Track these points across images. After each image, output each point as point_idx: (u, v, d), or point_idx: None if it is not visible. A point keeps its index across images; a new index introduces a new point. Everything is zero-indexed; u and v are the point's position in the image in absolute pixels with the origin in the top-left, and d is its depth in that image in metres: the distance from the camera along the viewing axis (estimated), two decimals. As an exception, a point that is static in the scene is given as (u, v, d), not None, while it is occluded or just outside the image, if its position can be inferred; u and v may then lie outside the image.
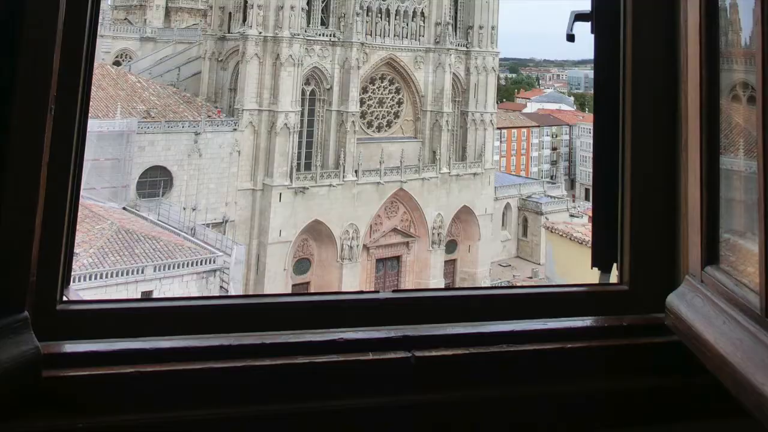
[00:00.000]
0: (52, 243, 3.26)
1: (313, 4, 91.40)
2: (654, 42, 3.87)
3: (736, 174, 3.35)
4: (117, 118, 77.01)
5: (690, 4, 3.56)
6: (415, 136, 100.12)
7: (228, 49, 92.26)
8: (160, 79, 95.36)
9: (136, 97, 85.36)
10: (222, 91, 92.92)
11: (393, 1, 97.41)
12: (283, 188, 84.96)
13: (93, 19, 3.54)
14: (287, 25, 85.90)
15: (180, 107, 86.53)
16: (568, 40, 4.19)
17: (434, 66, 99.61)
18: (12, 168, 2.94)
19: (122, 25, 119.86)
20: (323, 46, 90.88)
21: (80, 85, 3.46)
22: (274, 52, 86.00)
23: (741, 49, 3.32)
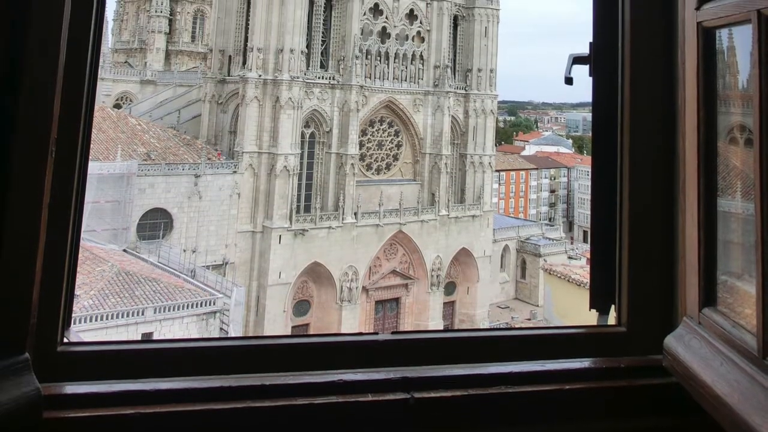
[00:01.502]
0: (52, 285, 3.28)
1: (312, 48, 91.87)
2: (652, 85, 3.90)
3: (733, 216, 3.37)
4: (117, 161, 77.23)
5: (688, 47, 3.60)
6: (414, 178, 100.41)
7: (228, 91, 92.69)
8: (160, 122, 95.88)
9: (137, 140, 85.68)
10: (222, 133, 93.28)
11: (392, 44, 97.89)
12: (282, 230, 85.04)
13: (93, 62, 3.58)
14: (287, 68, 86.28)
15: (180, 150, 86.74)
16: (566, 83, 4.22)
17: (433, 109, 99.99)
18: (13, 210, 2.96)
19: (123, 68, 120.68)
20: (323, 89, 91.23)
21: (81, 128, 3.49)
22: (273, 94, 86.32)
23: (738, 92, 3.34)
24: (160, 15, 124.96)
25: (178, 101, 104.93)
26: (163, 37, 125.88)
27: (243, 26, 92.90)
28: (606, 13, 4.06)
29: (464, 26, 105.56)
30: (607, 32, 4.04)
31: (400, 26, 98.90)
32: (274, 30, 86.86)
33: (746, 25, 3.05)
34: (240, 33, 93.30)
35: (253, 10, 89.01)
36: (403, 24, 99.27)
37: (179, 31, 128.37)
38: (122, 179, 75.98)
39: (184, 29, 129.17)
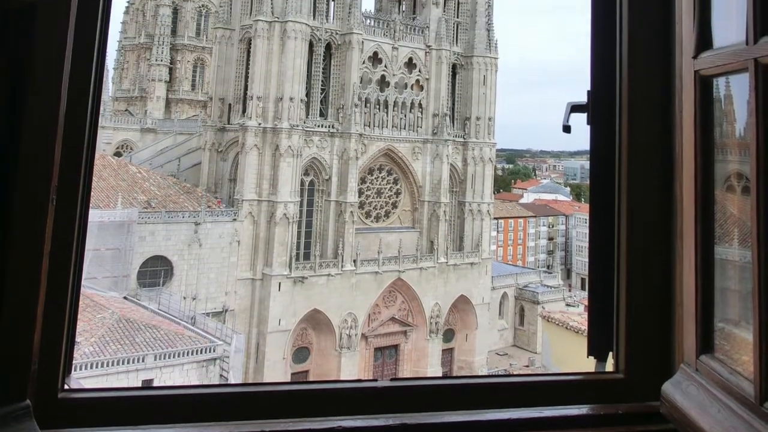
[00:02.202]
0: (53, 332, 3.28)
1: (312, 96, 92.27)
2: (649, 133, 3.93)
3: (730, 263, 3.38)
4: (118, 208, 77.44)
5: (685, 95, 3.63)
6: (413, 226, 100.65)
7: (228, 140, 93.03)
8: (160, 170, 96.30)
9: (137, 188, 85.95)
10: (222, 181, 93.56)
11: (391, 93, 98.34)
12: (282, 278, 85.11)
13: (94, 110, 3.61)
14: (286, 116, 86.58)
15: (180, 197, 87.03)
16: (564, 131, 4.24)
17: (432, 157, 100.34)
18: (14, 257, 2.97)
19: (123, 116, 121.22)
20: (322, 137, 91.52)
21: (81, 176, 3.51)
22: (273, 143, 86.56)
23: (736, 140, 3.36)
24: (161, 64, 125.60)
25: (179, 149, 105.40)
26: (163, 85, 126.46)
27: (243, 75, 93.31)
28: (603, 62, 4.09)
29: (463, 75, 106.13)
30: (605, 81, 4.07)
31: (399, 75, 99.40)
32: (274, 78, 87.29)
33: (743, 73, 3.08)
34: (240, 81, 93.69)
35: (252, 59, 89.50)
36: (402, 72, 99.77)
37: (179, 79, 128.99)
38: (123, 227, 76.18)
39: (185, 78, 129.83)
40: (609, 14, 4.08)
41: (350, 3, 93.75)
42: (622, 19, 4.00)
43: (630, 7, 3.97)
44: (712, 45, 3.49)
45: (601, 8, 4.12)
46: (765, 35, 2.95)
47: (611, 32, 4.06)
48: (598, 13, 4.14)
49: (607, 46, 4.07)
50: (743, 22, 3.08)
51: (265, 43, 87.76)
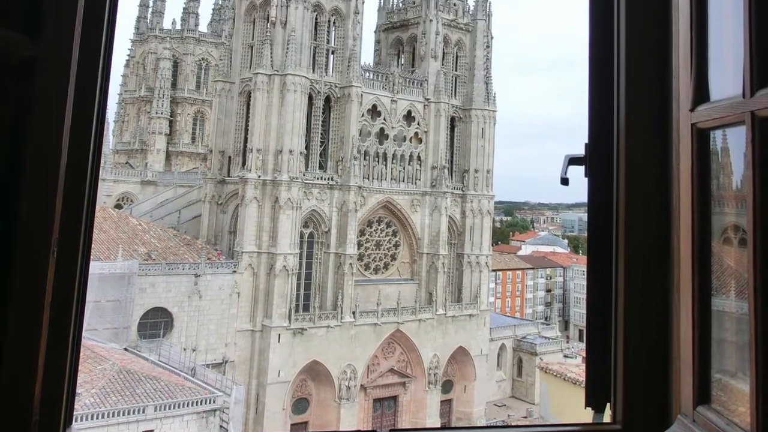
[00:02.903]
0: (54, 383, 3.28)
1: (311, 148, 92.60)
2: (647, 185, 3.94)
3: (727, 315, 3.39)
4: (119, 260, 77.61)
5: (682, 148, 3.65)
6: (412, 277, 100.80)
7: (228, 192, 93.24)
8: (161, 222, 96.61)
9: (138, 240, 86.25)
10: (222, 233, 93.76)
11: (390, 145, 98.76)
12: (281, 329, 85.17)
13: (94, 163, 3.63)
14: (286, 168, 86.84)
15: (180, 249, 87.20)
16: (562, 184, 4.26)
17: (431, 209, 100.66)
18: (15, 309, 2.98)
19: (124, 168, 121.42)
20: (321, 190, 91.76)
21: (82, 228, 3.53)
22: (273, 195, 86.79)
23: (733, 192, 3.38)
24: (161, 116, 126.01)
25: (179, 201, 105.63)
26: (163, 138, 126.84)
27: (243, 127, 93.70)
28: (601, 115, 4.12)
29: (461, 127, 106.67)
30: (603, 133, 4.09)
31: (398, 127, 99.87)
32: (274, 131, 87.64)
33: (740, 126, 3.11)
34: (240, 134, 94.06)
35: (252, 112, 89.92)
36: (401, 125, 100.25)
37: (180, 132, 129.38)
38: (123, 279, 76.32)
39: (185, 130, 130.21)
40: (607, 68, 4.11)
41: (349, 56, 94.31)
42: (619, 72, 4.03)
43: (627, 61, 4.00)
44: (709, 98, 3.51)
45: (599, 62, 4.15)
46: (762, 88, 2.97)
47: (609, 86, 4.09)
48: (596, 67, 4.17)
49: (605, 99, 4.10)
50: (740, 75, 3.10)
51: (264, 96, 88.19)
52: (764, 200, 2.88)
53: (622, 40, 4.03)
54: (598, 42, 4.19)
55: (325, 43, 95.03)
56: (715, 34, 3.53)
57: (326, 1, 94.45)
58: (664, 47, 3.95)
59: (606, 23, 4.15)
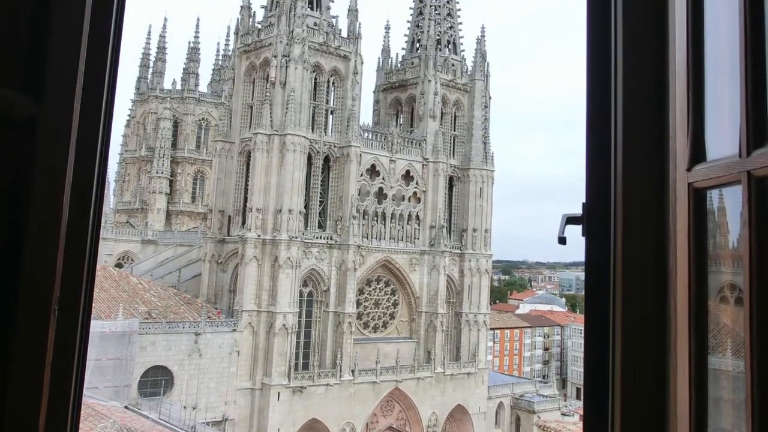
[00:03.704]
0: (54, 442, 3.27)
1: (310, 208, 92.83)
2: (644, 245, 3.95)
3: (723, 374, 3.39)
4: (119, 319, 77.57)
5: (679, 207, 3.66)
6: (411, 336, 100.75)
7: (227, 251, 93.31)
8: (161, 281, 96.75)
9: (138, 298, 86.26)
10: (222, 292, 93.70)
11: (389, 205, 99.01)
12: (281, 387, 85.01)
13: (95, 222, 3.65)
14: (285, 228, 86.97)
15: (180, 308, 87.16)
16: (560, 243, 4.28)
17: (429, 268, 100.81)
18: (16, 367, 2.99)
19: (124, 228, 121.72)
20: (321, 249, 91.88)
21: (83, 287, 3.54)
22: (272, 254, 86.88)
23: (729, 251, 3.39)
24: (161, 176, 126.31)
25: (179, 260, 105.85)
26: (163, 197, 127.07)
27: (242, 186, 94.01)
28: (598, 174, 4.13)
29: (459, 187, 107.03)
30: (600, 193, 4.10)
31: (396, 187, 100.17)
32: (273, 190, 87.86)
33: (737, 186, 3.12)
34: (239, 193, 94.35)
35: (252, 171, 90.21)
36: (400, 185, 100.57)
37: (180, 191, 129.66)
38: (124, 337, 76.23)
39: (185, 190, 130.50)
40: (604, 128, 4.13)
41: (348, 116, 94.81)
42: (617, 133, 4.05)
43: (625, 121, 4.03)
44: (705, 158, 3.53)
45: (597, 123, 4.18)
46: (758, 148, 2.99)
47: (606, 146, 4.11)
48: (593, 128, 4.20)
49: (602, 159, 4.12)
50: (736, 135, 3.12)
51: (264, 156, 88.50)
52: (760, 259, 2.89)
53: (619, 101, 4.05)
54: (595, 102, 4.22)
55: (324, 103, 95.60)
56: (712, 94, 3.55)
57: (325, 62, 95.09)
58: (660, 107, 3.97)
59: (603, 83, 4.18)
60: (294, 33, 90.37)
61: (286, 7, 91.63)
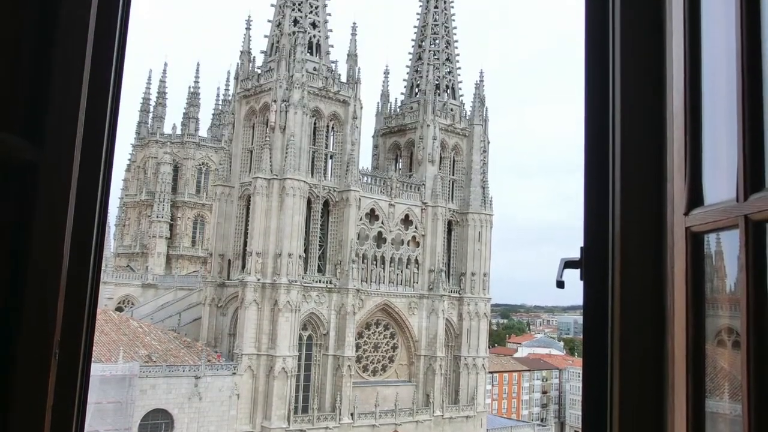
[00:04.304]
0: (54, 486, 3.26)
1: (310, 252, 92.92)
2: (641, 289, 3.95)
3: (721, 417, 3.39)
4: (119, 362, 77.51)
5: (677, 251, 3.67)
6: (410, 379, 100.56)
7: (227, 295, 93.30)
8: (161, 324, 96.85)
9: (138, 342, 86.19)
10: (221, 335, 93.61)
11: (388, 249, 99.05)
12: (281, 431, 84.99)
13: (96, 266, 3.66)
14: (285, 272, 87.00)
15: (181, 352, 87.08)
16: (558, 287, 4.28)
17: (428, 312, 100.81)
18: (17, 411, 2.99)
19: (125, 272, 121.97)
20: (320, 292, 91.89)
21: (83, 331, 3.54)
22: (272, 298, 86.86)
23: (726, 295, 3.39)
24: (161, 220, 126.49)
25: (179, 304, 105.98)
26: (164, 241, 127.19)
27: (242, 231, 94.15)
28: (596, 219, 4.14)
29: (458, 231, 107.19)
30: (598, 237, 4.11)
31: (395, 231, 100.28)
32: (273, 235, 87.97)
33: (734, 230, 3.12)
34: (239, 237, 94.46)
35: (252, 215, 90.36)
36: (399, 229, 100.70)
37: (180, 235, 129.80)
38: (124, 380, 76.18)
39: (185, 234, 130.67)
40: (602, 173, 4.15)
41: (347, 160, 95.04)
42: (614, 177, 4.07)
43: (622, 166, 4.04)
44: (703, 202, 3.54)
45: (594, 168, 4.19)
46: (755, 192, 3.00)
47: (604, 190, 4.12)
48: (591, 173, 4.22)
49: (600, 203, 4.13)
50: (733, 179, 3.13)
51: (264, 200, 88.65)
52: (758, 303, 2.90)
53: (617, 146, 4.07)
54: (593, 146, 4.23)
55: (323, 148, 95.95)
56: (709, 138, 3.56)
57: (325, 107, 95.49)
58: (658, 152, 3.98)
59: (601, 128, 4.19)
60: (294, 78, 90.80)
61: (285, 52, 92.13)
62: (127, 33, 4.00)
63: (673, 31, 3.86)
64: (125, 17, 3.95)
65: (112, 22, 3.77)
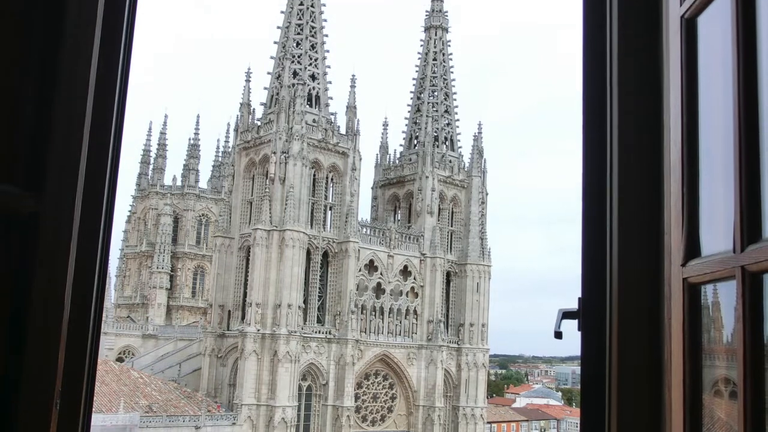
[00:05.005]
0: None
1: (309, 302, 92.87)
2: (639, 339, 3.96)
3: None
4: (120, 413, 77.26)
5: (674, 302, 3.68)
6: (408, 429, 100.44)
7: (227, 345, 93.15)
8: (161, 375, 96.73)
9: (139, 392, 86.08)
10: (221, 386, 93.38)
11: (387, 300, 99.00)
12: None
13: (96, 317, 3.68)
14: (284, 322, 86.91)
15: (181, 402, 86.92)
16: (556, 338, 4.30)
17: (427, 362, 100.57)
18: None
19: (125, 322, 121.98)
20: (319, 343, 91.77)
21: (84, 381, 3.56)
22: (272, 348, 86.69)
23: (723, 346, 3.41)
24: (162, 271, 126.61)
25: (179, 355, 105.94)
26: (164, 292, 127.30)
27: (242, 281, 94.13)
28: (594, 270, 4.16)
29: (457, 282, 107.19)
30: (596, 288, 4.12)
31: (394, 282, 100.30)
32: (273, 286, 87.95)
33: (731, 281, 3.15)
34: (239, 288, 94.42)
35: (251, 266, 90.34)
36: (398, 280, 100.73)
37: (180, 286, 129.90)
38: (125, 431, 75.63)
39: (185, 285, 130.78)
40: (600, 225, 4.17)
41: (347, 212, 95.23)
42: (612, 229, 4.09)
43: (620, 217, 4.06)
44: (700, 253, 3.55)
45: (592, 220, 4.21)
46: (752, 243, 3.02)
47: (602, 242, 4.14)
48: (589, 224, 4.23)
49: (598, 254, 4.14)
50: (730, 230, 3.16)
51: (263, 251, 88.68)
52: (754, 353, 2.91)
53: (615, 198, 4.09)
54: (591, 198, 4.25)
55: (323, 199, 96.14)
56: (706, 190, 3.59)
57: (324, 158, 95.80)
58: (656, 204, 4.01)
59: (599, 180, 4.22)
60: (293, 130, 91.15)
61: (285, 104, 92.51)
62: (127, 86, 4.05)
63: (670, 86, 3.90)
64: (126, 71, 3.99)
65: (112, 76, 3.81)
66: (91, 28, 3.47)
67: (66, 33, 3.37)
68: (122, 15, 3.90)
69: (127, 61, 4.02)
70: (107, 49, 3.67)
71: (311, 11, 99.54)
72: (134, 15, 4.10)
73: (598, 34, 4.32)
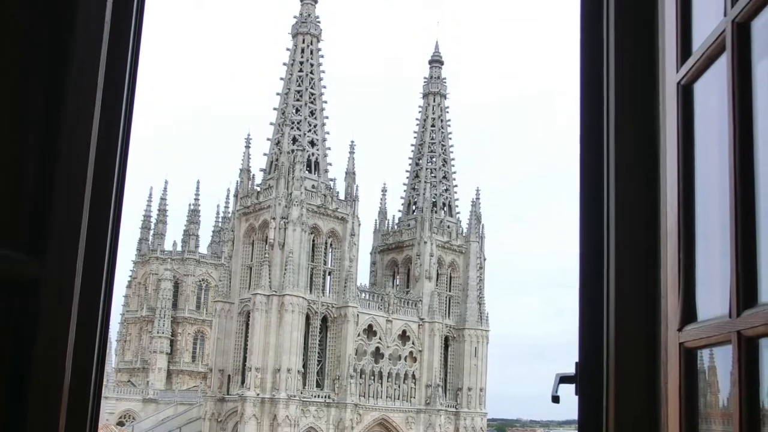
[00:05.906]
0: None
1: (308, 367, 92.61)
2: (636, 404, 3.95)
3: None
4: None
5: (670, 367, 3.68)
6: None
7: (227, 410, 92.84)
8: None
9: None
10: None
11: (385, 364, 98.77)
12: None
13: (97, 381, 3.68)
14: (284, 387, 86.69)
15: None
16: (553, 402, 4.29)
17: (425, 426, 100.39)
18: None
19: (126, 386, 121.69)
20: (318, 407, 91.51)
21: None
22: (271, 412, 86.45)
23: (719, 410, 3.41)
24: (162, 336, 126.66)
25: (179, 419, 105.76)
26: (164, 357, 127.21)
27: (242, 346, 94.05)
28: (591, 334, 4.16)
29: (455, 346, 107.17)
30: (593, 352, 4.12)
31: (393, 346, 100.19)
32: (272, 350, 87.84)
33: (727, 345, 3.15)
34: (239, 353, 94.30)
35: (251, 331, 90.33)
36: (396, 344, 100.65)
37: (180, 351, 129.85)
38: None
39: (185, 349, 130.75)
40: (596, 290, 4.18)
41: (346, 277, 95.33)
42: (609, 294, 4.09)
43: (617, 283, 4.07)
44: (696, 318, 3.55)
45: (589, 284, 4.23)
46: (748, 308, 3.02)
47: (598, 306, 4.15)
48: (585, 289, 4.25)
49: (595, 319, 4.15)
50: (726, 295, 3.16)
51: (263, 316, 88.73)
52: (750, 418, 2.92)
53: (611, 263, 4.10)
54: (588, 263, 4.26)
55: (322, 264, 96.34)
56: (703, 255, 3.60)
57: (323, 224, 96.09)
58: (652, 269, 4.01)
59: (596, 245, 4.23)
60: (292, 195, 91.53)
61: (284, 170, 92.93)
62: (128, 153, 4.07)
63: (667, 151, 3.92)
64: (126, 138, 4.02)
65: (113, 142, 3.84)
66: (92, 94, 3.50)
67: (67, 96, 3.40)
68: (123, 83, 3.93)
69: (128, 128, 4.05)
70: (108, 114, 3.71)
71: (310, 78, 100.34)
72: (135, 83, 4.14)
73: (596, 100, 4.36)
